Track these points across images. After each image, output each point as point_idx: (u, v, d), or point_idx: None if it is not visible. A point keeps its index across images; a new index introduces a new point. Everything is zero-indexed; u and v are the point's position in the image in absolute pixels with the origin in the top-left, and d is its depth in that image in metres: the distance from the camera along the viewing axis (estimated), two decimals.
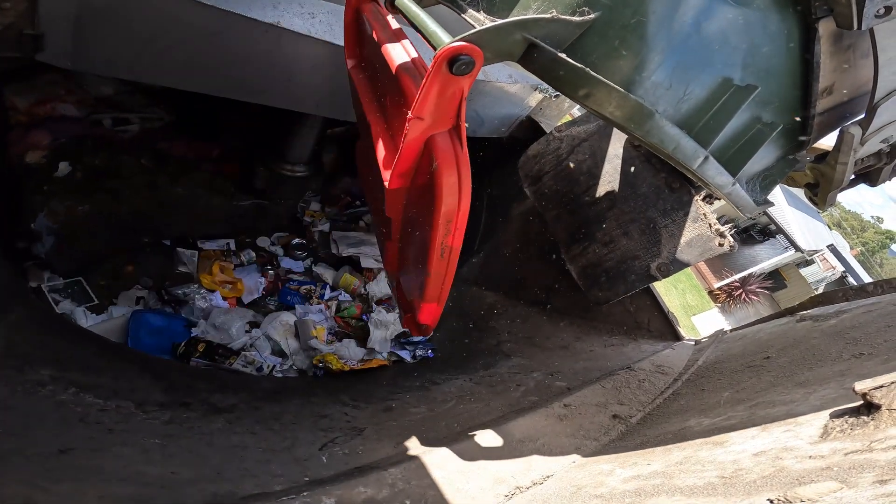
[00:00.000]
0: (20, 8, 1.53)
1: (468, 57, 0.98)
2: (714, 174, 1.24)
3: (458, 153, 1.18)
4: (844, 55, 1.19)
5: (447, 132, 1.18)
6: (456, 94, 1.08)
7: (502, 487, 1.29)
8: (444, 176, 1.17)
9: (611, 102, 1.07)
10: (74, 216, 2.68)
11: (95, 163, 2.74)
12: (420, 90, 1.05)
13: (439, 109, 1.11)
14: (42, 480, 1.03)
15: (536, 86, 3.04)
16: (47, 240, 2.62)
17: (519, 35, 1.02)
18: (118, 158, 2.80)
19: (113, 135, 2.78)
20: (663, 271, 2.30)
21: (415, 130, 1.15)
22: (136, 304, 2.84)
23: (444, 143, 1.17)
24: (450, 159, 1.17)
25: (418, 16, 1.22)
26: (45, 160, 2.60)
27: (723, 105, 1.14)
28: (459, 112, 1.13)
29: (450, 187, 1.19)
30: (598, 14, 1.02)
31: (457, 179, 1.18)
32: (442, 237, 1.30)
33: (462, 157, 1.18)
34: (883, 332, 1.66)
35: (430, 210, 1.27)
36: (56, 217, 2.64)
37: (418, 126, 1.14)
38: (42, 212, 2.61)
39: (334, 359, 2.85)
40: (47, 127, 2.55)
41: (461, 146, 1.18)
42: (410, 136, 1.16)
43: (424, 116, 1.11)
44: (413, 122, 1.13)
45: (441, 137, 1.17)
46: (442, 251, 1.34)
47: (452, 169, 1.17)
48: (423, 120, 1.13)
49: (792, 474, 0.86)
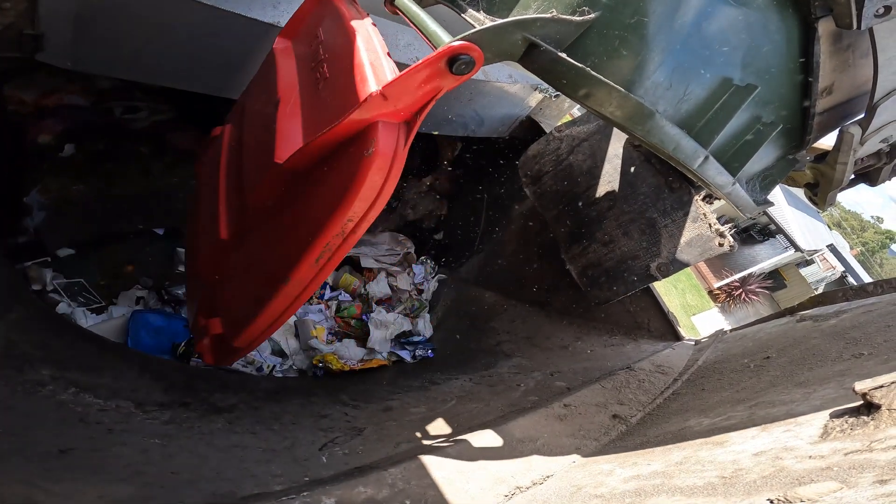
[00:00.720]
0: (20, 8, 1.53)
1: (468, 56, 0.97)
2: (714, 174, 1.24)
3: (398, 151, 1.06)
4: (844, 55, 1.19)
5: (397, 124, 1.07)
6: (433, 90, 1.02)
7: (502, 487, 1.29)
8: (373, 169, 1.05)
9: (611, 102, 1.07)
10: (68, 194, 2.71)
11: (99, 147, 2.77)
12: (405, 72, 0.99)
13: (408, 98, 1.02)
14: (42, 480, 1.02)
15: (536, 86, 3.04)
16: (38, 214, 2.66)
17: (519, 35, 1.01)
18: (119, 144, 2.82)
19: (122, 123, 2.81)
20: (663, 271, 2.30)
21: (368, 109, 1.03)
22: (136, 304, 2.84)
23: (389, 133, 1.05)
24: (387, 153, 1.05)
25: (418, 16, 1.22)
26: (55, 142, 2.65)
27: (723, 105, 1.14)
28: (423, 110, 1.05)
29: (372, 183, 1.06)
30: (598, 14, 1.02)
31: (384, 177, 1.06)
32: (330, 238, 1.13)
33: (399, 156, 1.07)
34: (883, 331, 1.66)
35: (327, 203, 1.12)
36: (49, 193, 2.67)
37: (375, 105, 1.03)
38: (36, 187, 2.64)
39: (334, 359, 2.84)
40: (56, 115, 2.59)
41: (404, 145, 1.07)
42: (358, 114, 1.04)
43: (390, 97, 1.01)
44: (373, 99, 1.02)
45: (388, 126, 1.06)
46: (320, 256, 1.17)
47: (385, 164, 1.05)
48: (386, 101, 1.02)
49: (792, 474, 0.86)
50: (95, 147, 2.74)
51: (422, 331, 3.42)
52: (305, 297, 1.28)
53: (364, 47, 1.20)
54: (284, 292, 1.25)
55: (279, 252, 1.29)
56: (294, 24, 1.68)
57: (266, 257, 1.38)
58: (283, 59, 1.61)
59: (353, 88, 1.12)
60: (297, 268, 1.19)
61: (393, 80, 1.01)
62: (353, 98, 1.09)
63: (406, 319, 3.39)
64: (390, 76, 1.09)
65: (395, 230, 3.89)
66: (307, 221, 1.19)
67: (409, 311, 3.51)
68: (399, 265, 3.71)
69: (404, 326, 3.34)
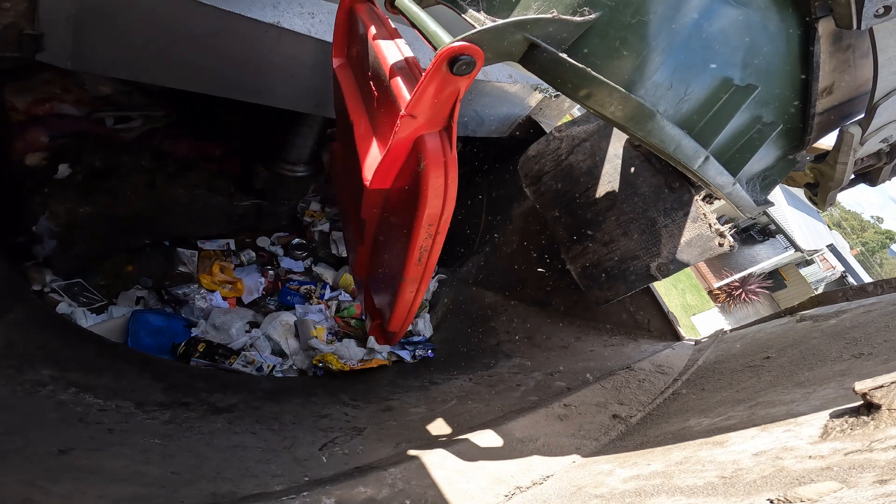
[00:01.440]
0: (20, 8, 1.54)
1: (469, 57, 0.97)
2: (714, 174, 1.24)
3: (447, 155, 1.15)
4: (844, 55, 1.18)
5: (437, 133, 1.15)
6: (452, 94, 1.06)
7: (502, 487, 1.29)
8: (431, 177, 1.14)
9: (612, 103, 1.07)
10: (76, 217, 2.67)
11: (95, 164, 2.72)
12: (417, 88, 1.04)
13: (433, 109, 1.09)
14: (42, 480, 1.03)
15: (536, 86, 3.04)
16: (48, 243, 2.61)
17: (520, 35, 1.01)
18: (118, 158, 2.79)
19: (114, 134, 2.78)
20: (663, 271, 2.30)
21: (405, 129, 1.13)
22: (136, 304, 2.84)
23: (433, 143, 1.15)
24: (438, 160, 1.14)
25: (418, 16, 1.22)
26: (46, 162, 2.58)
27: (723, 105, 1.13)
28: (453, 113, 1.11)
29: (435, 189, 1.16)
30: (598, 14, 1.02)
31: (443, 182, 1.16)
32: (422, 241, 1.26)
33: (450, 159, 1.15)
34: (883, 332, 1.66)
35: (411, 213, 1.24)
36: (58, 219, 2.63)
37: (410, 124, 1.12)
38: (43, 214, 2.60)
39: (334, 359, 2.85)
40: (46, 125, 2.54)
41: (450, 148, 1.15)
42: (400, 134, 1.14)
43: (417, 115, 1.09)
44: (405, 120, 1.10)
45: (431, 138, 1.15)
46: (420, 256, 1.31)
47: (440, 171, 1.14)
48: (416, 118, 1.10)
49: (792, 474, 0.86)
50: (92, 164, 2.70)
51: (422, 331, 3.42)
52: (423, 289, 1.46)
53: (391, 63, 1.26)
54: (405, 288, 1.44)
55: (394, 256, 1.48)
56: (336, 41, 1.78)
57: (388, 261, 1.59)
58: (343, 77, 1.74)
59: (393, 108, 1.22)
60: (407, 268, 1.36)
61: (412, 99, 1.07)
62: (393, 120, 1.18)
63: None
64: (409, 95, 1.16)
65: None
66: (403, 229, 1.34)
67: None
68: None
69: None
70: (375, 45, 1.35)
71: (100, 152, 2.72)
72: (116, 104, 2.81)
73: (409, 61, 1.27)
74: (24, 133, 2.45)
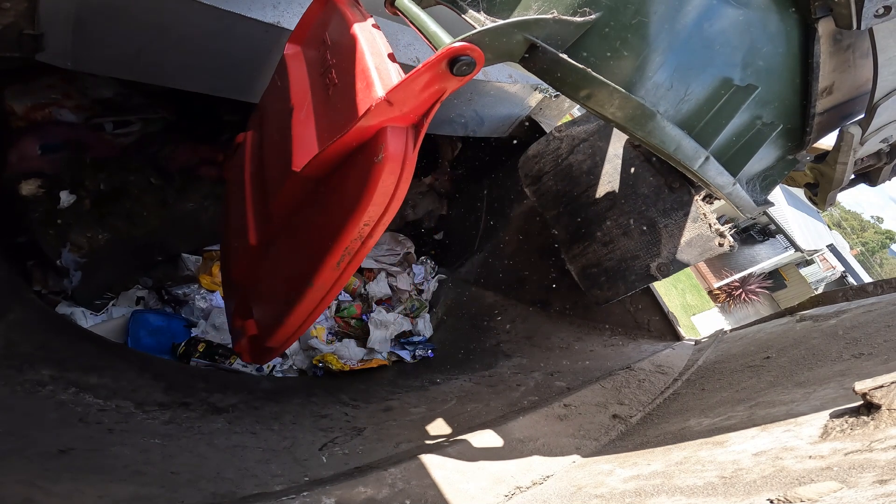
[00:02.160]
0: (20, 8, 1.54)
1: (469, 58, 0.97)
2: (715, 174, 1.24)
3: (408, 153, 1.08)
4: (844, 55, 1.19)
5: (405, 128, 1.09)
6: (437, 93, 1.03)
7: (502, 487, 1.29)
8: (385, 172, 1.07)
9: (612, 103, 1.07)
10: (96, 245, 2.62)
11: (100, 187, 2.65)
12: (406, 77, 1.00)
13: (413, 102, 1.04)
14: (41, 480, 1.03)
15: (536, 86, 3.04)
16: (74, 275, 2.56)
17: (520, 36, 1.01)
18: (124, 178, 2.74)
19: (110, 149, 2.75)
20: (663, 271, 2.30)
21: (376, 115, 1.05)
22: (136, 304, 2.84)
23: (398, 137, 1.07)
24: (397, 156, 1.07)
25: (419, 16, 1.22)
26: (43, 191, 2.51)
27: (723, 105, 1.14)
28: (429, 113, 1.06)
29: (385, 186, 1.08)
30: (599, 15, 1.02)
31: (396, 180, 1.08)
32: (349, 242, 1.16)
33: (410, 158, 1.08)
34: (883, 332, 1.66)
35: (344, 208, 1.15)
36: (80, 250, 2.58)
37: (382, 111, 1.04)
38: (65, 247, 2.54)
39: (334, 359, 2.84)
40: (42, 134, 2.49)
41: (413, 148, 1.09)
42: (367, 120, 1.06)
43: (395, 103, 1.03)
44: (379, 106, 1.03)
45: (397, 131, 1.08)
46: (341, 259, 1.20)
47: (396, 167, 1.07)
48: (392, 106, 1.03)
49: (792, 474, 0.86)
50: (97, 186, 2.64)
51: (422, 331, 3.42)
52: (330, 299, 1.31)
53: (369, 51, 1.21)
54: (310, 296, 1.28)
55: (303, 257, 1.31)
56: (302, 28, 1.69)
57: (292, 262, 1.40)
58: (294, 65, 1.62)
59: (360, 94, 1.14)
60: (320, 272, 1.22)
61: (396, 86, 1.02)
62: (360, 104, 1.11)
63: (406, 319, 3.39)
64: (395, 80, 1.10)
65: (396, 230, 3.89)
66: (327, 227, 1.22)
67: (409, 311, 3.51)
68: (399, 265, 3.71)
69: (404, 326, 3.33)
70: (354, 34, 1.28)
71: (101, 173, 2.68)
72: (116, 107, 2.79)
73: (390, 55, 1.22)
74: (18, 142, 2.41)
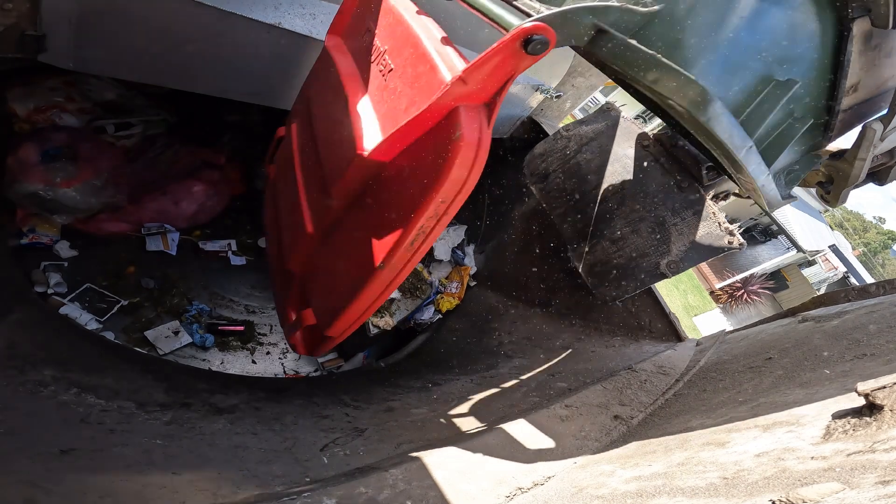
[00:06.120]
0: (22, 9, 1.54)
1: (543, 37, 0.97)
2: (755, 164, 1.31)
3: (483, 132, 1.09)
4: (871, 54, 1.24)
5: (477, 107, 1.10)
6: (508, 72, 1.04)
7: (503, 488, 1.29)
8: (463, 149, 1.07)
9: (678, 88, 1.13)
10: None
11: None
12: (482, 56, 1.01)
13: (486, 81, 1.05)
14: (43, 480, 1.03)
15: (537, 86, 3.04)
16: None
17: (589, 20, 1.04)
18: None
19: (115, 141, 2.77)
20: (673, 269, 2.30)
21: (450, 95, 1.06)
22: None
23: (471, 116, 1.08)
24: (473, 134, 1.07)
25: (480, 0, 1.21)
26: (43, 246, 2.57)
27: (765, 97, 1.20)
28: (501, 91, 1.07)
29: (463, 163, 1.08)
30: (661, 6, 1.07)
31: (473, 157, 1.09)
32: (424, 220, 1.15)
33: (485, 137, 1.10)
34: (885, 332, 1.65)
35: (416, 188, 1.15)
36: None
37: (457, 90, 1.05)
38: None
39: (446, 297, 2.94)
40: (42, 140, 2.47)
41: (487, 125, 1.10)
42: (442, 99, 1.07)
43: (470, 82, 1.04)
44: (454, 84, 1.04)
45: (469, 110, 1.09)
46: (415, 238, 1.18)
47: (473, 145, 1.08)
48: (466, 85, 1.04)
49: (794, 475, 0.86)
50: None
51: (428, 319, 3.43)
52: (398, 282, 1.30)
53: (423, 35, 1.22)
54: (379, 279, 1.27)
55: (370, 240, 1.30)
56: (340, 20, 1.72)
57: (357, 247, 1.38)
58: (339, 55, 1.64)
59: (426, 77, 1.15)
60: (392, 253, 1.21)
61: (472, 64, 1.03)
62: (428, 85, 1.12)
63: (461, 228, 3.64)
64: (457, 61, 1.12)
65: None
66: (398, 207, 1.21)
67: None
68: None
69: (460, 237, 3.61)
70: (404, 18, 1.30)
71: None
72: (118, 110, 2.80)
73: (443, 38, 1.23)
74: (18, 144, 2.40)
